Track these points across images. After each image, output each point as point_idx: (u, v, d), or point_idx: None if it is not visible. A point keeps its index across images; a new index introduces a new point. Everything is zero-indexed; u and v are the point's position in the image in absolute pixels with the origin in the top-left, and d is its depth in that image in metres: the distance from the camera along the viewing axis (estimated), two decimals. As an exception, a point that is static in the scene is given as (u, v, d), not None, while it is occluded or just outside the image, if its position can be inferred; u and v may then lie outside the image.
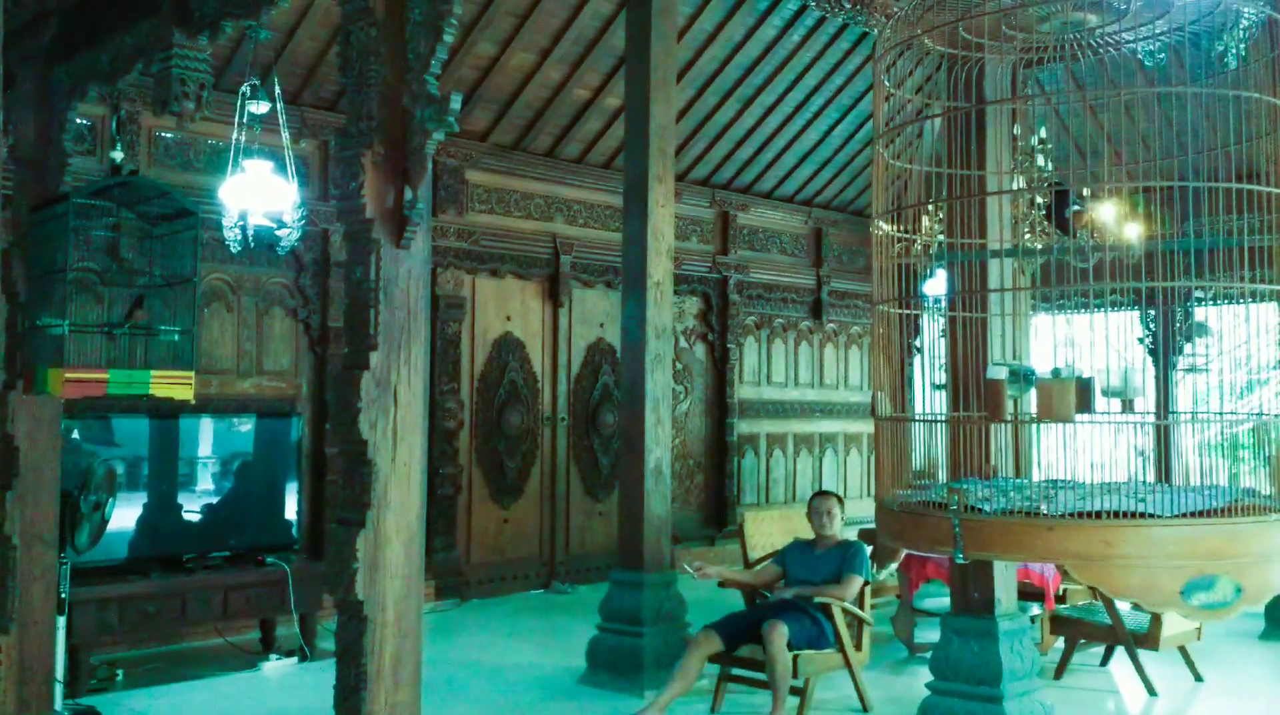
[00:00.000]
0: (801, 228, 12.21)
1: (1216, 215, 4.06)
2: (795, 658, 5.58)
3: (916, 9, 4.33)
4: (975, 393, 4.53)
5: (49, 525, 4.77)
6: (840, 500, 6.30)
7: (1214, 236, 4.21)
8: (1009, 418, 4.12)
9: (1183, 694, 6.56)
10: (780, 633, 5.52)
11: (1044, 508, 3.82)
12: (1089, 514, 3.75)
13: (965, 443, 4.69)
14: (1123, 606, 6.48)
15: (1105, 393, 4.20)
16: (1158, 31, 4.47)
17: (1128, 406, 4.34)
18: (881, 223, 4.63)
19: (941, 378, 5.38)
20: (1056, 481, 4.22)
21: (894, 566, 7.29)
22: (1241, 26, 4.51)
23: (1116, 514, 3.72)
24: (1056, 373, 4.02)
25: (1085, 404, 3.99)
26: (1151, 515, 3.69)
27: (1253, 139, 4.09)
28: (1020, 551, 4.02)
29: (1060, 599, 7.16)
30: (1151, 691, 6.44)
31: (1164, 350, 10.56)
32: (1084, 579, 3.79)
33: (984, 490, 4.09)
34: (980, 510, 3.88)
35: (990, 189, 5.12)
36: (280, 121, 6.56)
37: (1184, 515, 3.71)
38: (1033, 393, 4.05)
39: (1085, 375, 4.12)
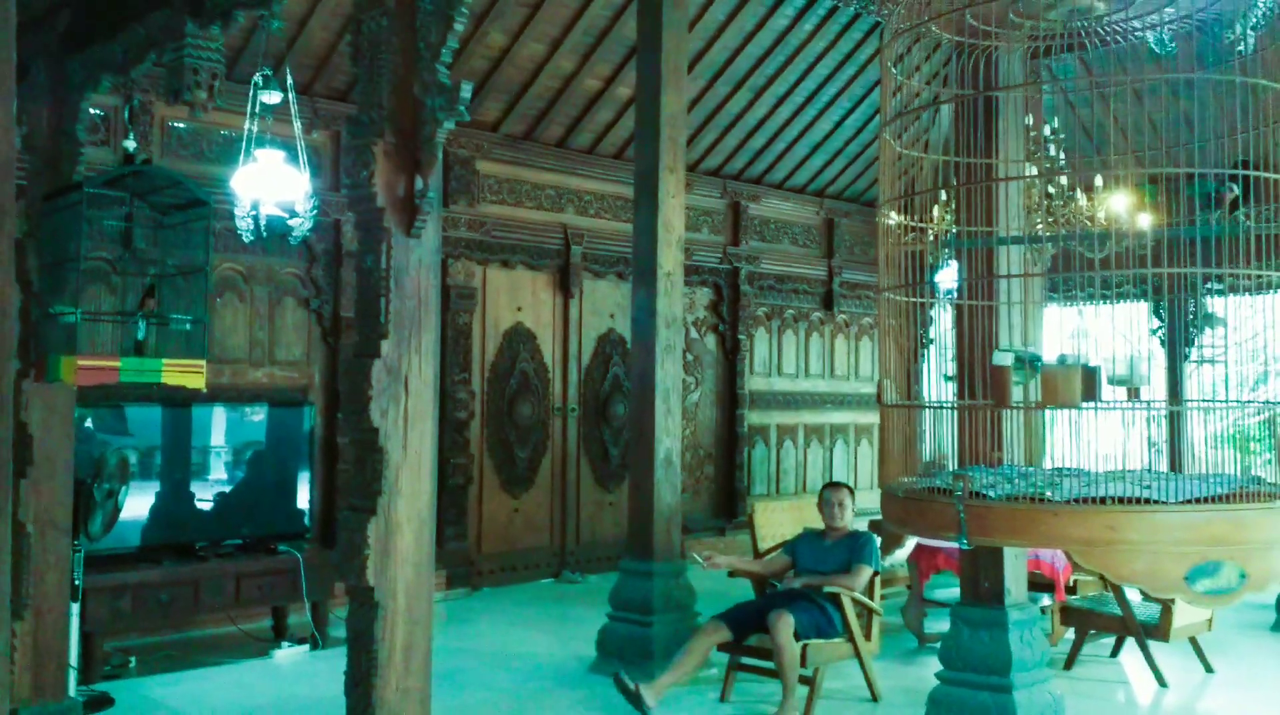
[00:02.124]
0: (813, 218, 12.20)
1: (1230, 206, 4.04)
2: (804, 647, 5.59)
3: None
4: (984, 381, 4.52)
5: (63, 513, 4.80)
6: (851, 492, 6.30)
7: (1227, 225, 4.19)
8: (1015, 404, 4.11)
9: (1193, 685, 6.56)
10: (786, 622, 5.53)
11: (1049, 494, 3.81)
12: (1094, 500, 3.75)
13: (973, 430, 4.69)
14: (1133, 597, 6.47)
15: (1112, 381, 4.19)
16: (1167, 19, 4.45)
17: (1134, 395, 4.32)
18: (887, 209, 4.63)
19: (952, 370, 5.37)
20: (1063, 469, 4.21)
21: (898, 553, 7.27)
22: (1256, 14, 4.49)
23: (1121, 500, 3.72)
24: (1063, 360, 4.01)
25: (1091, 391, 3.98)
26: (1156, 501, 3.69)
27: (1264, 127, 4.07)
28: (1025, 537, 4.01)
29: (1071, 590, 7.15)
30: (1162, 683, 6.44)
31: (1181, 339, 10.53)
32: (1088, 565, 3.79)
33: (990, 477, 4.09)
34: (985, 496, 3.88)
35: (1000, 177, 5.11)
36: (292, 112, 6.57)
37: (1189, 501, 3.71)
38: (1039, 379, 4.04)
39: (1092, 363, 4.11)
